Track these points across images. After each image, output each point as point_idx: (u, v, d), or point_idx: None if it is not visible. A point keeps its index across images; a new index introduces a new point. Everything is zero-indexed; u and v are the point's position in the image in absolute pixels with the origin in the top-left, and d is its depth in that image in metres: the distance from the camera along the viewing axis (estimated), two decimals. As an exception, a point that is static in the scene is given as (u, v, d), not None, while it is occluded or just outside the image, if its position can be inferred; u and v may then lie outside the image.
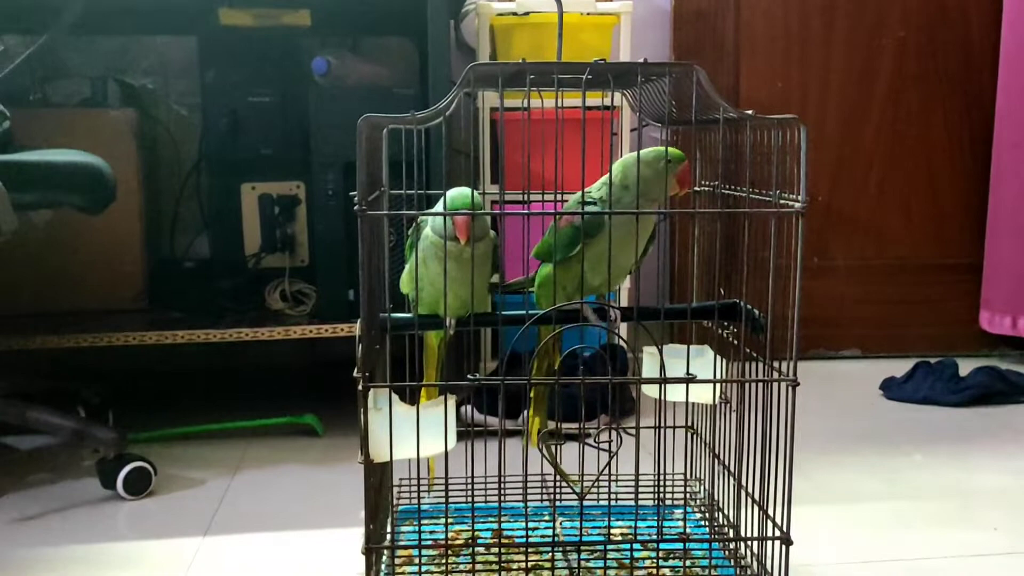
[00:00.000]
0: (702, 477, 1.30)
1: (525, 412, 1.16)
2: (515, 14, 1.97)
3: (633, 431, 1.09)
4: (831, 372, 2.33)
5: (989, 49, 2.37)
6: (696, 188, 1.24)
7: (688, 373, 1.04)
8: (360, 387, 0.98)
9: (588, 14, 1.98)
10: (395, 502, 1.28)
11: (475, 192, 1.08)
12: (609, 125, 1.18)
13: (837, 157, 2.41)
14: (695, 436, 1.31)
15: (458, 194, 1.08)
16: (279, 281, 1.94)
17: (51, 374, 1.99)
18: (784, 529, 1.02)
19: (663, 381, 1.03)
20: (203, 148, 2.12)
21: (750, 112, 1.01)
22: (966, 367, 2.11)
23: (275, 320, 1.84)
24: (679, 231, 2.12)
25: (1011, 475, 1.60)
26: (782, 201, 1.00)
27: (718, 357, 1.15)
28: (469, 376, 1.02)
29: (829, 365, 2.40)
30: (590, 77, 1.00)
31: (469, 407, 1.69)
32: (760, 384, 1.04)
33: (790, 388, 1.00)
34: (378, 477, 1.08)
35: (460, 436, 1.06)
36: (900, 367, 2.17)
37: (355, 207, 0.95)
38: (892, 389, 2.10)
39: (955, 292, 2.47)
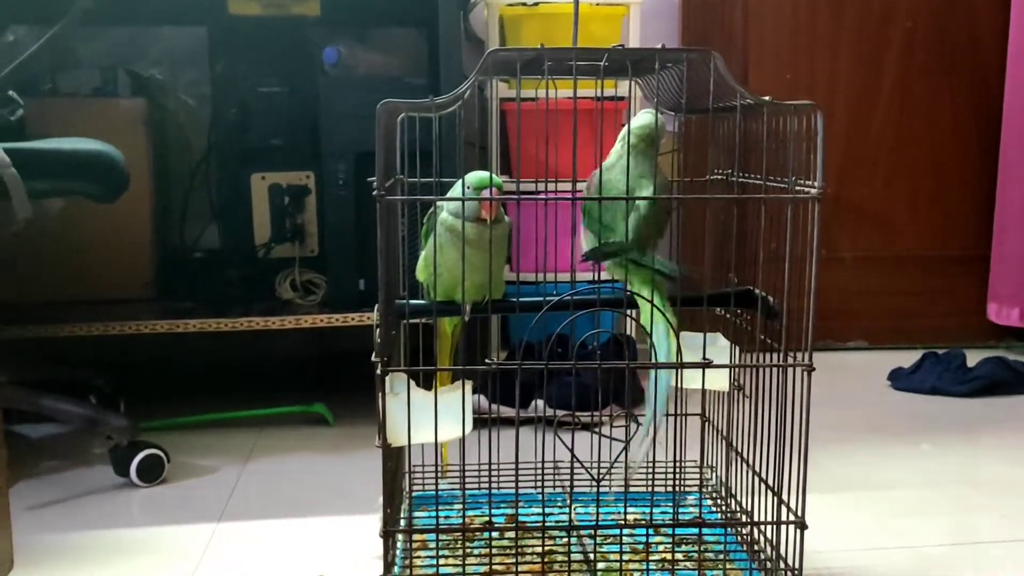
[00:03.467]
0: (715, 465, 1.30)
1: (536, 401, 1.16)
2: (524, 4, 1.97)
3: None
4: (839, 363, 2.33)
5: (997, 39, 2.36)
6: (710, 177, 1.24)
7: (704, 358, 1.04)
8: (378, 371, 0.98)
9: (598, 4, 1.98)
10: (409, 488, 1.29)
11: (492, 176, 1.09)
12: (621, 115, 1.18)
13: (844, 149, 2.40)
14: (708, 424, 1.31)
15: (479, 175, 1.09)
16: (289, 271, 1.94)
17: (63, 363, 1.99)
18: (799, 513, 1.03)
19: (679, 366, 1.04)
20: (213, 138, 2.12)
21: (767, 98, 1.02)
22: (973, 358, 2.11)
23: (285, 310, 1.85)
24: (691, 219, 2.12)
25: (1018, 464, 1.60)
26: (797, 187, 1.01)
27: (732, 344, 1.16)
28: (486, 360, 1.02)
29: (836, 356, 2.40)
30: (607, 64, 1.00)
31: (480, 396, 1.70)
32: (774, 370, 1.05)
33: (805, 373, 1.00)
34: (395, 462, 1.09)
35: (475, 424, 1.06)
36: (907, 358, 2.17)
37: (373, 192, 0.96)
38: (900, 380, 2.10)
39: (962, 283, 2.47)
